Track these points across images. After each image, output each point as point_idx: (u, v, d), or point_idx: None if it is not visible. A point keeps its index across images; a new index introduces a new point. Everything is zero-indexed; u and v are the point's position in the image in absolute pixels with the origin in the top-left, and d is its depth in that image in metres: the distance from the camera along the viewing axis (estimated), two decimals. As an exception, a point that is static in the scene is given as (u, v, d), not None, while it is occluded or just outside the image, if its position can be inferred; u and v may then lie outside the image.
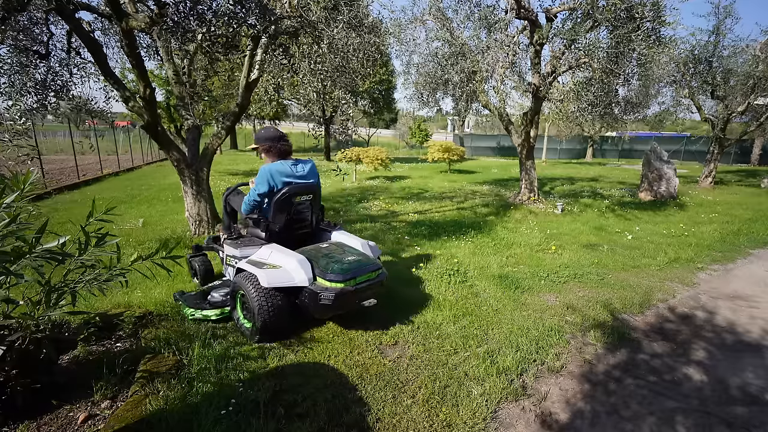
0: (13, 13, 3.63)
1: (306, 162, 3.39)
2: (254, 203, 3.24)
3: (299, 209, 3.32)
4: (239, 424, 2.08)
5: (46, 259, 1.72)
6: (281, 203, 3.15)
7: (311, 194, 3.34)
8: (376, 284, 2.98)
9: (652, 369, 2.78)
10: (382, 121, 28.65)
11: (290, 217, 3.26)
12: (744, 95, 11.27)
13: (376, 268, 3.02)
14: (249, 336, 2.90)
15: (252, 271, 2.86)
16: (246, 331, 2.93)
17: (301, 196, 3.25)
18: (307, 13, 4.47)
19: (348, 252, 3.09)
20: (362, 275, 2.90)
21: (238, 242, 3.31)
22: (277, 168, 3.15)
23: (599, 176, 15.85)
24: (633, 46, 6.25)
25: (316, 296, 2.74)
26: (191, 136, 5.65)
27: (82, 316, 2.91)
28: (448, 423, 2.18)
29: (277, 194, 3.13)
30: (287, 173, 3.18)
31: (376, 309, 3.12)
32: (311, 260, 2.93)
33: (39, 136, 13.11)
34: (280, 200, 3.13)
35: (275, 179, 3.14)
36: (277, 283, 2.76)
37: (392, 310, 3.46)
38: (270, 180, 3.13)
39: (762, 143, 22.62)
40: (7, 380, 1.98)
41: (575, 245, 5.80)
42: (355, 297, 2.83)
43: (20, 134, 4.00)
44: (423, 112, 10.89)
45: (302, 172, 3.29)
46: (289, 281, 2.79)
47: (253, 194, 3.19)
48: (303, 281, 2.80)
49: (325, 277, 2.81)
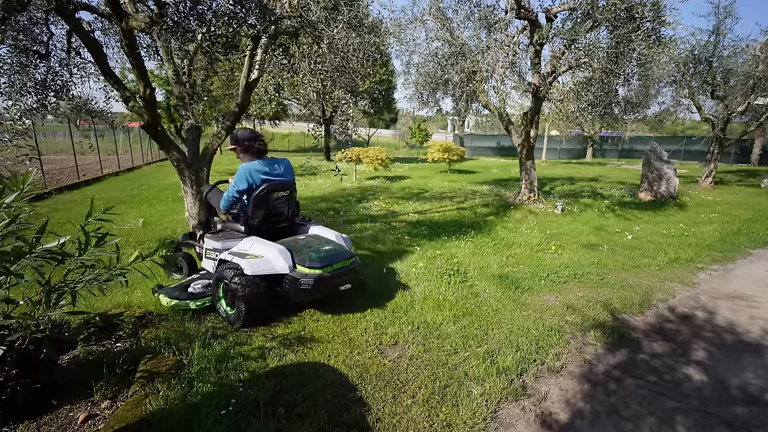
0: (13, 13, 3.62)
1: (282, 161, 3.62)
2: (233, 199, 3.43)
3: (276, 204, 3.55)
4: (239, 424, 2.08)
5: (46, 259, 1.72)
6: (260, 199, 3.36)
7: (287, 190, 3.59)
8: (350, 270, 3.30)
9: (652, 369, 2.78)
10: (382, 121, 28.66)
11: (268, 211, 3.48)
12: (744, 95, 11.27)
13: (350, 256, 3.35)
14: (232, 321, 3.12)
15: (236, 261, 3.11)
16: (230, 317, 3.16)
17: (279, 192, 3.49)
18: (307, 13, 4.47)
19: (324, 242, 3.40)
20: (338, 262, 3.19)
21: (219, 236, 3.52)
22: (255, 166, 3.37)
23: (599, 176, 15.85)
24: (633, 46, 6.25)
25: (297, 282, 3.02)
26: (191, 136, 5.65)
27: (82, 316, 2.91)
28: (448, 423, 2.18)
29: (256, 191, 3.33)
30: (265, 171, 3.40)
31: (375, 309, 3.22)
32: (290, 250, 3.20)
33: (39, 136, 13.11)
34: (259, 196, 3.34)
35: (254, 177, 3.34)
36: (260, 271, 3.02)
37: (392, 310, 3.47)
38: (249, 177, 3.32)
39: (762, 143, 22.62)
40: (7, 380, 1.98)
41: (575, 245, 5.80)
42: (332, 282, 3.13)
43: (20, 134, 4.00)
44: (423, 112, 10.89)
45: (279, 170, 3.53)
46: (271, 269, 3.06)
47: (233, 191, 3.38)
48: (284, 269, 3.07)
49: (305, 264, 3.08)
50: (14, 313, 1.92)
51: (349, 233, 6.14)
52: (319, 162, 20.61)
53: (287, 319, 3.28)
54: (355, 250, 5.22)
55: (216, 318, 3.26)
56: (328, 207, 8.44)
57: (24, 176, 1.82)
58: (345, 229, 6.46)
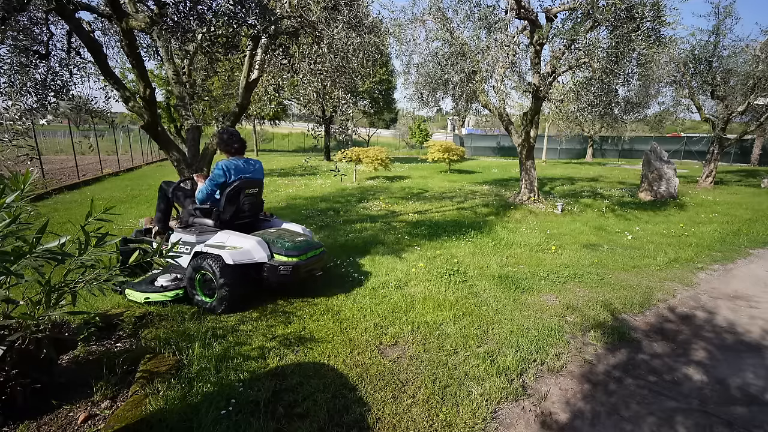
0: (13, 13, 3.62)
1: (255, 161, 3.92)
2: (210, 192, 3.63)
3: (246, 201, 3.79)
4: (239, 424, 2.08)
5: (46, 259, 1.72)
6: (233, 194, 3.60)
7: (257, 188, 3.88)
8: (320, 258, 3.71)
9: (652, 369, 2.78)
10: (382, 121, 28.66)
11: (238, 207, 3.71)
12: (744, 95, 11.27)
13: (319, 246, 3.76)
14: (213, 309, 3.34)
15: (215, 253, 3.34)
16: (206, 305, 3.37)
17: (250, 189, 3.77)
18: (307, 13, 4.47)
19: (295, 234, 3.75)
20: (311, 251, 3.57)
21: (191, 231, 3.65)
22: (234, 163, 3.64)
23: (599, 176, 15.85)
24: (633, 46, 6.25)
25: (276, 269, 3.34)
26: (191, 136, 5.64)
27: (82, 316, 2.91)
28: (448, 423, 2.18)
29: (230, 186, 3.57)
30: (241, 168, 3.68)
31: (375, 309, 3.29)
32: (267, 242, 3.48)
33: (39, 136, 13.11)
34: (232, 192, 3.58)
35: (230, 173, 3.59)
36: (240, 260, 3.29)
37: (392, 310, 3.47)
38: (227, 173, 3.57)
39: (762, 143, 22.63)
40: (7, 380, 1.98)
41: (575, 245, 5.80)
42: (306, 268, 3.48)
43: (20, 134, 4.00)
44: (423, 112, 10.87)
45: (252, 168, 3.81)
46: (251, 258, 3.32)
47: (210, 185, 3.60)
48: (263, 258, 3.35)
49: (283, 253, 3.40)
50: (14, 313, 1.92)
51: (349, 233, 6.15)
52: (319, 162, 20.61)
53: (287, 319, 3.28)
54: (356, 250, 5.24)
55: (216, 318, 3.27)
56: (328, 207, 8.44)
57: (24, 176, 1.82)
58: (345, 228, 6.46)
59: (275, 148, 36.59)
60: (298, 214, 7.56)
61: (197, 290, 3.45)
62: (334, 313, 3.40)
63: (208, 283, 3.40)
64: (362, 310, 3.45)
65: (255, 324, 3.17)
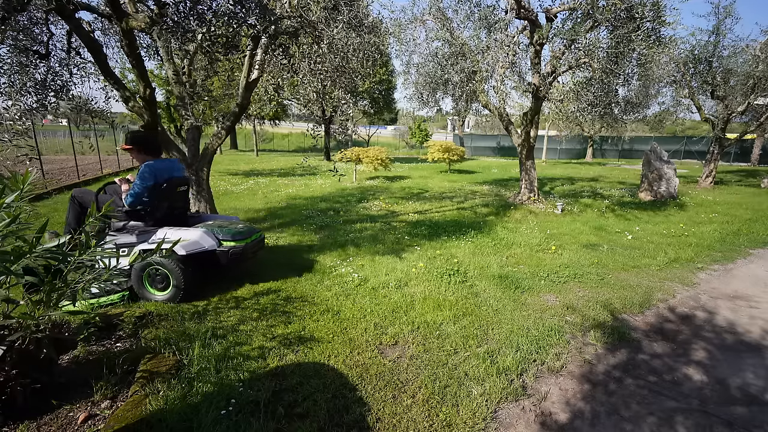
0: (13, 13, 3.62)
1: (174, 160, 4.14)
2: (141, 194, 3.64)
3: (177, 198, 3.95)
4: (239, 424, 2.08)
5: (46, 258, 1.72)
6: (166, 193, 3.73)
7: (186, 185, 4.07)
8: (261, 241, 4.19)
9: (652, 369, 2.78)
10: (382, 121, 28.67)
11: (170, 204, 3.85)
12: (744, 95, 11.27)
13: (258, 230, 4.17)
14: (169, 300, 3.51)
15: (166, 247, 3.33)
16: (159, 298, 3.54)
17: (180, 187, 3.94)
18: (307, 13, 4.47)
19: (234, 223, 4.09)
20: (253, 235, 3.99)
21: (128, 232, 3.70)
22: (160, 164, 3.74)
23: (599, 176, 15.85)
24: (633, 46, 6.25)
25: (227, 253, 3.67)
26: (191, 136, 5.65)
27: (82, 316, 2.91)
28: (448, 423, 2.18)
29: (161, 186, 3.66)
30: (167, 168, 3.80)
31: (375, 309, 3.32)
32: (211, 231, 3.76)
33: (39, 136, 13.10)
34: (164, 191, 3.70)
35: (159, 174, 3.67)
36: (192, 250, 3.53)
37: (392, 310, 3.47)
38: (156, 174, 3.64)
39: (762, 143, 22.64)
40: (7, 380, 1.98)
41: (575, 245, 5.80)
42: (251, 250, 3.90)
43: (20, 134, 4.00)
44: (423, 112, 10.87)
45: (177, 167, 3.96)
46: (201, 247, 3.58)
47: (140, 187, 3.61)
48: (212, 246, 3.64)
49: (231, 239, 3.74)
50: (14, 313, 1.92)
51: (349, 233, 6.15)
52: (319, 162, 20.61)
53: (287, 319, 3.28)
54: (355, 250, 5.24)
55: (216, 318, 3.27)
56: (328, 207, 8.44)
57: (24, 176, 1.82)
58: (345, 228, 6.46)
59: (275, 148, 36.59)
60: (298, 214, 7.56)
61: (147, 287, 3.58)
62: (334, 313, 3.40)
63: (158, 279, 3.57)
64: (362, 310, 3.46)
65: (255, 324, 3.17)
